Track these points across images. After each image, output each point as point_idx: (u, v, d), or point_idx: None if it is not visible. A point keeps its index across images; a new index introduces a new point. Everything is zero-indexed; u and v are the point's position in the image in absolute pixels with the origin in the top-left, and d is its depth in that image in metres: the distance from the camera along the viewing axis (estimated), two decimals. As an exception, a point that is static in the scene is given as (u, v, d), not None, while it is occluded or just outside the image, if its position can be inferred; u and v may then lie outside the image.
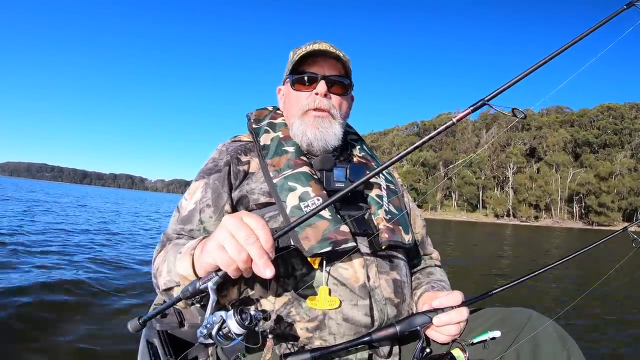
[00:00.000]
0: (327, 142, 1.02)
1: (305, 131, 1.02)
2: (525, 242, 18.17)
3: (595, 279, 5.77)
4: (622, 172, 74.40)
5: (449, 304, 0.88)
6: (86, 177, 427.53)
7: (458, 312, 0.87)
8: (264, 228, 0.67)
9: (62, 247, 5.59)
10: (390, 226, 0.97)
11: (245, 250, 0.66)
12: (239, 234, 0.66)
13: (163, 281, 0.85)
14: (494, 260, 9.30)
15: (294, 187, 0.94)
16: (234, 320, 0.65)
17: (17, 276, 3.60)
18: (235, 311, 0.66)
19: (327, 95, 1.04)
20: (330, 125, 1.03)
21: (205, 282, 0.70)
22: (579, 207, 77.77)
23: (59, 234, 6.90)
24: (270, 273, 0.65)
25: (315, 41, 1.05)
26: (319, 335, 0.87)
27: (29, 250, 4.97)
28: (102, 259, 4.88)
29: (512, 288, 0.97)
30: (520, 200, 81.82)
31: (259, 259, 0.65)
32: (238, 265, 0.67)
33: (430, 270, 1.16)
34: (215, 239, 0.69)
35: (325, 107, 1.03)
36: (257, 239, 0.66)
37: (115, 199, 33.07)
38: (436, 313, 0.87)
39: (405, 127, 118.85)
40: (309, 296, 0.87)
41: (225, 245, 0.67)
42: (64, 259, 4.71)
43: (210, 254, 0.70)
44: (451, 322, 0.87)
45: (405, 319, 0.88)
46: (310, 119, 1.02)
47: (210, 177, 1.01)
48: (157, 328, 1.19)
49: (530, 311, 0.88)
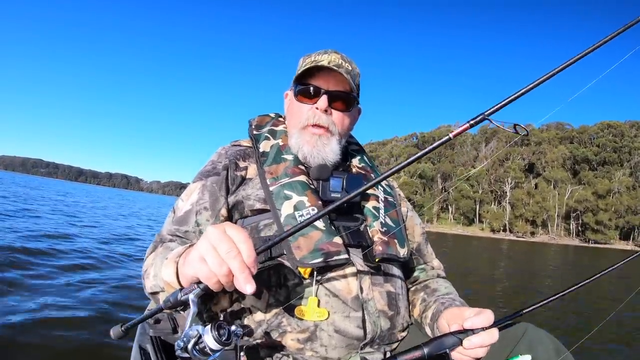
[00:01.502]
0: (324, 159, 1.02)
1: (302, 146, 1.02)
2: (522, 257, 18.13)
3: (609, 302, 5.86)
4: (621, 190, 74.35)
5: (480, 325, 0.81)
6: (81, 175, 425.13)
7: (490, 334, 0.80)
8: (246, 241, 0.65)
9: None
10: (385, 239, 0.97)
11: (226, 263, 0.64)
12: (221, 247, 0.64)
13: (149, 285, 0.85)
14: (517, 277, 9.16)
15: (290, 196, 0.94)
16: (210, 335, 0.63)
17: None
18: (213, 326, 0.64)
19: (327, 111, 1.03)
20: (327, 142, 1.02)
21: (186, 294, 0.68)
22: (575, 224, 77.58)
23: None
24: (250, 289, 0.63)
25: (326, 51, 1.05)
26: (310, 347, 0.86)
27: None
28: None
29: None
30: (517, 216, 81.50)
31: (240, 274, 0.63)
32: (219, 279, 0.65)
33: (434, 287, 1.10)
34: (197, 250, 0.67)
35: (324, 123, 1.02)
36: (238, 252, 0.64)
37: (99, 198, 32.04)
38: (466, 334, 0.80)
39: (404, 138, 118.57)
40: (298, 307, 0.86)
41: (207, 258, 0.65)
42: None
43: (191, 266, 0.68)
44: (483, 344, 0.79)
45: (434, 340, 0.81)
46: (308, 136, 1.02)
47: (208, 179, 1.01)
48: (150, 334, 1.17)
49: (526, 324, 0.88)
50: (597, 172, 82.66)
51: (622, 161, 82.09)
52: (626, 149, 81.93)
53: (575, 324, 4.45)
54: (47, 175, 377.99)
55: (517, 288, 7.44)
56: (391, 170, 0.68)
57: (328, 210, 0.69)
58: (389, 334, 0.95)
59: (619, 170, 79.90)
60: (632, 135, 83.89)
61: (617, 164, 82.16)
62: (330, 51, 1.05)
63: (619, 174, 78.37)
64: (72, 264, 4.51)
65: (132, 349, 1.13)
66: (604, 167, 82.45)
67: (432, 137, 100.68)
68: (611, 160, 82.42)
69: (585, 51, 0.65)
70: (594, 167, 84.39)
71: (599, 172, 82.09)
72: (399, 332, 0.98)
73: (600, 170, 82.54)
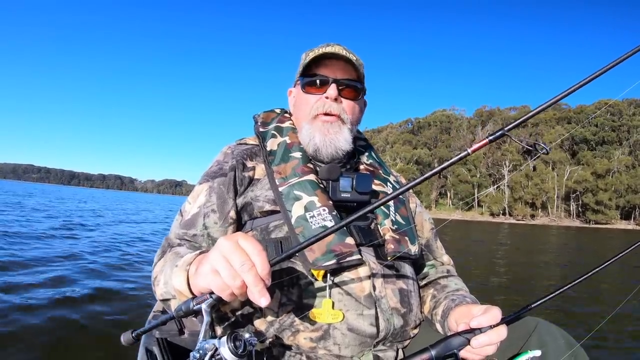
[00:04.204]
0: (336, 148, 1.01)
1: (313, 136, 1.01)
2: (522, 240, 17.86)
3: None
4: (620, 169, 73.69)
5: (487, 323, 0.80)
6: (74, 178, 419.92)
7: (497, 332, 0.79)
8: (260, 254, 0.64)
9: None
10: (397, 237, 0.97)
11: (240, 276, 0.63)
12: (234, 259, 0.63)
13: (160, 292, 0.85)
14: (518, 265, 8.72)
15: (300, 196, 0.94)
16: (227, 347, 0.62)
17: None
18: (229, 338, 0.64)
19: (337, 100, 1.01)
20: (340, 130, 1.01)
21: (198, 304, 0.68)
22: (576, 205, 77.16)
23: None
24: (265, 302, 0.63)
25: (329, 44, 1.03)
26: (324, 345, 0.86)
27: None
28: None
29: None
30: (516, 199, 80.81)
31: (254, 287, 0.63)
32: (232, 291, 0.65)
33: (444, 283, 1.10)
34: (209, 262, 0.67)
35: (335, 111, 1.01)
36: (252, 265, 0.63)
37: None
38: (474, 334, 0.80)
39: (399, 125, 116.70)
40: (312, 308, 0.86)
41: (220, 270, 0.64)
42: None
43: (203, 278, 0.68)
44: (491, 343, 0.79)
45: (441, 342, 0.80)
46: (319, 124, 1.01)
47: (215, 180, 1.00)
48: (156, 336, 1.17)
49: (537, 319, 0.87)
50: (595, 152, 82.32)
51: (620, 140, 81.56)
52: (625, 128, 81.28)
53: (582, 315, 4.24)
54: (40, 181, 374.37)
55: (523, 276, 7.15)
56: (411, 184, 0.69)
57: (349, 221, 0.68)
58: (402, 331, 0.95)
59: (618, 149, 79.27)
60: (630, 113, 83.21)
61: (616, 143, 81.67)
62: (334, 44, 1.03)
63: (618, 153, 77.91)
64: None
65: (139, 351, 1.12)
66: (603, 147, 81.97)
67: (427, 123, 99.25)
68: (610, 139, 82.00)
69: (612, 63, 0.63)
70: (592, 147, 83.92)
71: (598, 151, 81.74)
72: (411, 329, 0.98)
73: (599, 150, 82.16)
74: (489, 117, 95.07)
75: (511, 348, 0.83)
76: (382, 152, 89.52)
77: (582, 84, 0.63)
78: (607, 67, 0.63)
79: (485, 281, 6.06)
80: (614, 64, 0.63)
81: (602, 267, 0.92)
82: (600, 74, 0.63)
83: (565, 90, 0.63)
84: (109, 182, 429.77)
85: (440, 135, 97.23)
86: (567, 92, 0.63)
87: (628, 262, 7.86)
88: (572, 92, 0.63)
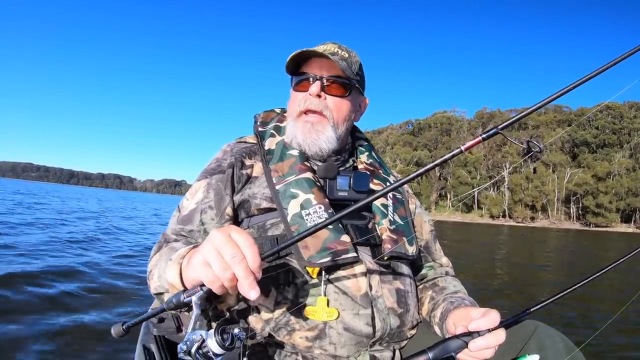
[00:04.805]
0: (320, 148, 1.01)
1: (295, 135, 1.01)
2: (522, 243, 17.85)
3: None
4: (620, 172, 73.51)
5: (485, 327, 0.80)
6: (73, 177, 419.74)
7: (495, 336, 0.79)
8: (252, 247, 0.65)
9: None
10: (394, 237, 0.96)
11: (231, 269, 0.63)
12: (225, 252, 0.64)
13: (154, 285, 0.86)
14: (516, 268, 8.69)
15: (296, 194, 0.94)
16: (214, 340, 0.63)
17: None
18: (216, 331, 0.64)
19: (320, 96, 1.00)
20: (322, 129, 1.00)
21: (189, 296, 0.68)
22: (576, 207, 76.99)
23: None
24: (254, 295, 0.63)
25: (325, 42, 1.04)
26: (319, 345, 0.86)
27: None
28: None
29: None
30: (516, 201, 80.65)
31: (244, 280, 0.63)
32: (222, 283, 0.65)
33: (442, 285, 1.09)
34: (201, 254, 0.67)
35: (316, 108, 1.00)
36: (243, 257, 0.63)
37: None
38: (472, 337, 0.80)
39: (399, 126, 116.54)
40: (307, 306, 0.86)
41: (211, 262, 0.64)
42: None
43: (195, 269, 0.68)
44: (489, 346, 0.79)
45: (439, 344, 0.81)
46: (301, 124, 1.01)
47: (213, 177, 1.01)
48: (154, 333, 1.14)
49: (536, 323, 0.87)
50: (596, 154, 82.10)
51: (621, 143, 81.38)
52: (625, 131, 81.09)
53: (581, 319, 4.17)
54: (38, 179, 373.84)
55: (522, 278, 7.13)
56: (406, 178, 0.71)
57: (341, 216, 0.69)
58: (399, 332, 0.94)
59: (618, 152, 79.15)
60: (631, 116, 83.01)
61: (617, 145, 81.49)
62: (328, 42, 1.03)
63: (619, 155, 77.72)
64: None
65: (136, 349, 1.11)
66: (604, 150, 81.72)
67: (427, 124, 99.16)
68: (610, 142, 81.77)
69: (607, 64, 0.63)
70: (593, 149, 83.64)
71: (599, 154, 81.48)
72: (408, 329, 0.98)
73: (599, 152, 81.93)
74: (490, 119, 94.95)
75: (510, 352, 0.83)
76: (382, 154, 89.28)
77: (578, 84, 0.62)
78: (605, 67, 0.63)
79: (485, 284, 6.04)
80: (612, 64, 0.63)
81: (602, 272, 0.91)
82: (596, 74, 0.63)
83: (561, 90, 0.63)
84: (108, 181, 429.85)
85: (441, 137, 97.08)
86: (563, 91, 0.63)
87: (629, 267, 7.81)
88: (568, 92, 0.63)
